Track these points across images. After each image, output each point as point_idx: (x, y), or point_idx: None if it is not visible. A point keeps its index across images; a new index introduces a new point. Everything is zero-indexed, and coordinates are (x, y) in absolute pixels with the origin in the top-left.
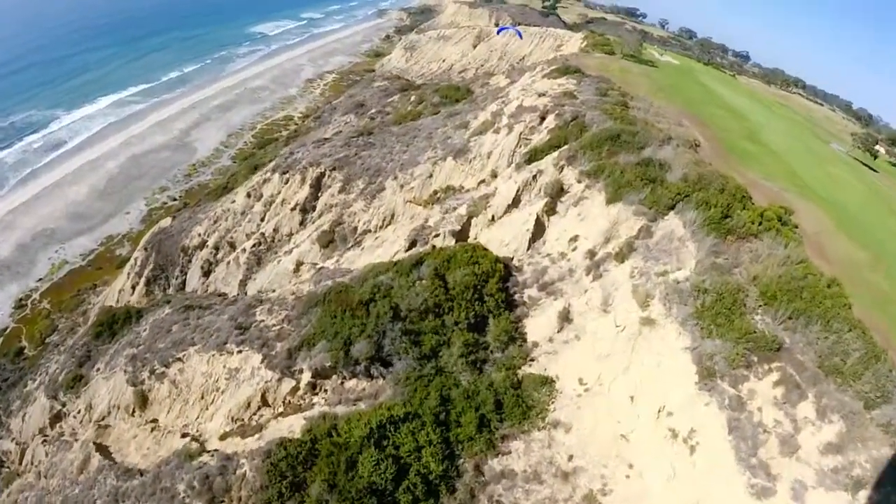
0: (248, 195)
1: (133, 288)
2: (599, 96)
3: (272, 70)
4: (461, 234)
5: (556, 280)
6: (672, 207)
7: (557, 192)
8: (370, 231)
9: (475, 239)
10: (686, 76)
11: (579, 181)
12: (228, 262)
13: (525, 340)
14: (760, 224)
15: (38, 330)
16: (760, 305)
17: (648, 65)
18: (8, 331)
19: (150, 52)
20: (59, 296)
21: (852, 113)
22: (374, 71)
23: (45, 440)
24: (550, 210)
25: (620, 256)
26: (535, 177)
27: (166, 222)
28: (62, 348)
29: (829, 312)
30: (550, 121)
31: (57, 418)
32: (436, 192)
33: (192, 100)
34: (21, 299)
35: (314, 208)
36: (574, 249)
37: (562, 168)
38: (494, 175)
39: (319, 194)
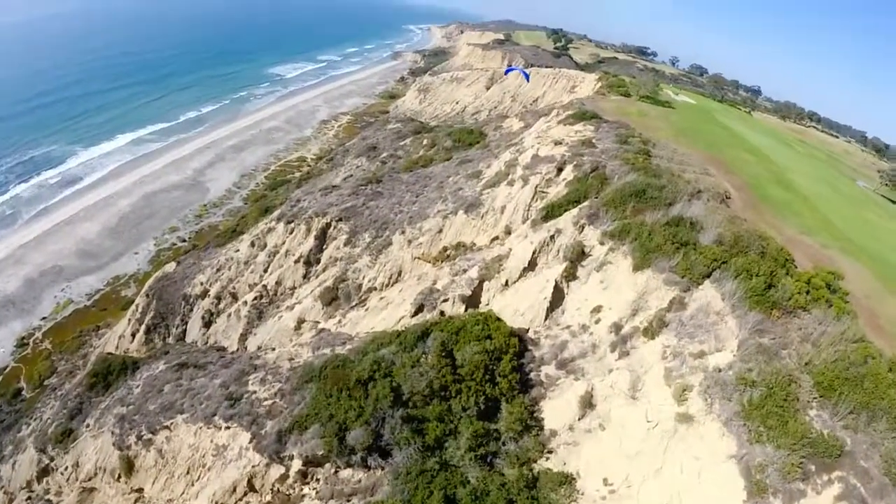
0: (252, 244)
1: (133, 335)
2: (620, 144)
3: (288, 111)
4: (472, 300)
5: (576, 357)
6: (708, 276)
7: (578, 256)
8: (375, 289)
9: (487, 305)
10: (705, 117)
11: (602, 243)
12: (229, 315)
13: (542, 428)
14: (808, 293)
15: (38, 371)
16: (815, 398)
17: (666, 106)
18: (7, 370)
19: (172, 92)
20: (61, 336)
21: (870, 144)
22: (388, 112)
23: (29, 497)
24: (570, 275)
25: (650, 332)
26: (552, 237)
27: (170, 267)
28: (59, 393)
29: (895, 405)
30: (568, 172)
31: (44, 473)
32: (445, 249)
33: (207, 140)
34: (23, 337)
35: (318, 261)
36: (597, 322)
37: (582, 227)
38: (508, 231)
39: (324, 246)
